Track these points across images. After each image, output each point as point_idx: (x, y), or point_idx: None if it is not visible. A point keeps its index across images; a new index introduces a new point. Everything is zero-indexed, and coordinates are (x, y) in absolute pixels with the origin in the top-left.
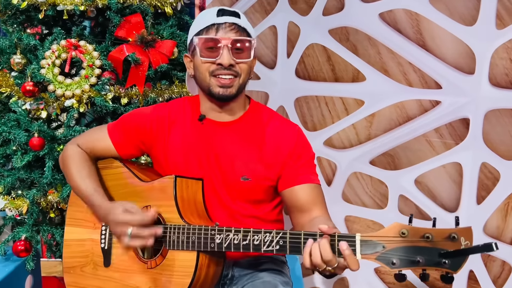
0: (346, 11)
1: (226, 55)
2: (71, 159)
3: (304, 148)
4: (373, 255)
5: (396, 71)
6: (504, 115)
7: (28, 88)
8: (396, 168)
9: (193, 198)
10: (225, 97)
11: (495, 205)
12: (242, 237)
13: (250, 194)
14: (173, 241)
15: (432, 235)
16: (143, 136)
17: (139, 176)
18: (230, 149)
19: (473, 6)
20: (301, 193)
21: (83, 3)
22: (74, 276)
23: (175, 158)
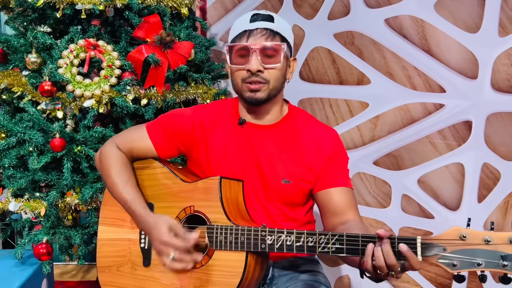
0: (351, 16)
1: (254, 61)
2: (111, 161)
3: (341, 152)
4: (434, 257)
5: (401, 75)
6: (505, 118)
7: (46, 88)
8: (399, 169)
9: (235, 199)
10: (255, 100)
11: (495, 203)
12: (295, 239)
13: (289, 196)
14: (221, 242)
15: (492, 238)
16: (184, 138)
17: (180, 177)
18: (270, 152)
19: (476, 14)
20: (336, 196)
21: (102, 2)
22: (110, 276)
23: (217, 160)
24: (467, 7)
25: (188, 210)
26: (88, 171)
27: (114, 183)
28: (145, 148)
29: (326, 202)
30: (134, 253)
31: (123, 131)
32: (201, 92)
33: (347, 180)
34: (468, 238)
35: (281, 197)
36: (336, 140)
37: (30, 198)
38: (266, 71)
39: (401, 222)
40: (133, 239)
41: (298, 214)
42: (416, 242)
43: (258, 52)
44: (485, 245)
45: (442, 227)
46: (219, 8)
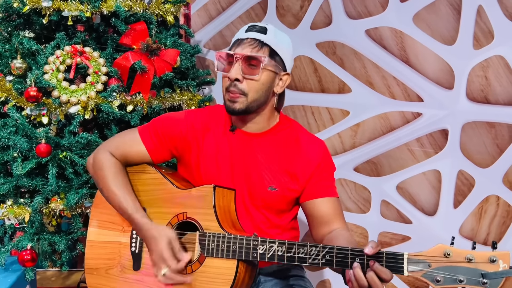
0: (333, 26)
1: (234, 69)
2: (106, 169)
3: (328, 163)
4: (419, 273)
5: (381, 84)
6: (479, 127)
7: (32, 93)
8: (379, 175)
9: (227, 207)
10: (231, 110)
11: (470, 209)
12: (286, 249)
13: (275, 203)
14: (212, 249)
15: (474, 257)
16: (177, 142)
17: (173, 183)
18: (259, 160)
19: (452, 27)
20: (322, 205)
21: (88, 9)
22: (98, 278)
23: (207, 166)
24: (443, 20)
25: (181, 217)
26: (73, 176)
27: (111, 192)
28: (138, 153)
29: (313, 212)
30: (124, 256)
31: (115, 136)
32: (186, 99)
33: (333, 190)
34: (451, 256)
35: (267, 204)
36: (323, 150)
37: (13, 204)
38: (245, 81)
39: (381, 227)
40: (123, 242)
41: (282, 221)
42: (403, 258)
43: (240, 61)
44: (467, 263)
45: (419, 232)
46: (203, 16)
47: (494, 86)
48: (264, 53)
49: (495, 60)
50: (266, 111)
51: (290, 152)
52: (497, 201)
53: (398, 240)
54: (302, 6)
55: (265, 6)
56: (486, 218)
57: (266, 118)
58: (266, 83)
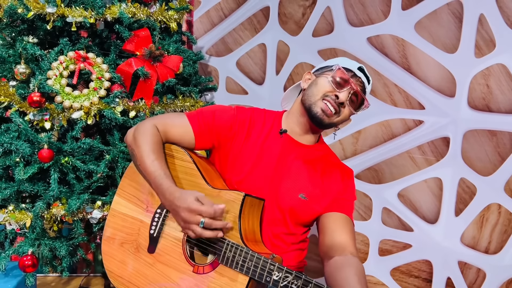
0: (335, 34)
1: (345, 94)
2: (145, 136)
3: (353, 190)
4: None
5: (382, 92)
6: (481, 135)
7: (35, 98)
8: (380, 182)
9: (252, 217)
10: (320, 120)
11: (471, 217)
12: (301, 285)
13: (300, 212)
14: (228, 258)
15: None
16: (224, 133)
17: (205, 178)
18: (297, 167)
19: (454, 35)
20: (339, 220)
21: (92, 16)
22: (112, 248)
23: (244, 163)
24: (445, 28)
25: None
26: (75, 182)
27: (144, 156)
28: (183, 135)
29: (328, 223)
30: (142, 236)
31: (161, 115)
32: (188, 105)
33: (351, 213)
34: None
35: (293, 210)
36: (352, 178)
37: (15, 209)
38: (344, 107)
39: (382, 234)
40: (145, 221)
41: (299, 230)
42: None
43: (352, 92)
44: None
45: (421, 240)
46: (205, 22)
47: (495, 94)
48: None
49: (497, 68)
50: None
51: (325, 170)
52: (499, 210)
53: (399, 248)
54: (304, 14)
55: (267, 14)
56: (487, 226)
57: (318, 136)
58: (349, 116)
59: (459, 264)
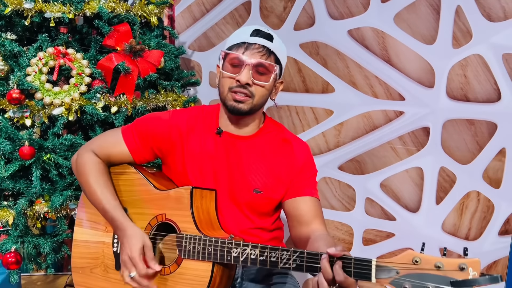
0: (316, 27)
1: (245, 74)
2: (89, 168)
3: (311, 165)
4: (387, 280)
5: (363, 84)
6: (460, 125)
7: (14, 96)
8: (363, 173)
9: (206, 208)
10: (237, 111)
11: (452, 205)
12: (259, 253)
13: (260, 206)
14: (189, 251)
15: (443, 264)
16: (160, 143)
17: (154, 184)
18: (244, 162)
19: (432, 27)
20: (303, 204)
21: (71, 11)
22: (84, 277)
23: (192, 167)
24: (423, 20)
25: (160, 218)
26: (57, 179)
27: (92, 191)
28: (121, 153)
29: (293, 211)
30: (107, 256)
31: (98, 135)
32: (170, 100)
33: (314, 191)
34: (420, 262)
35: (251, 206)
36: (307, 153)
37: None
38: (254, 86)
39: (365, 224)
40: (106, 242)
41: (266, 223)
42: (371, 264)
43: (251, 67)
44: (436, 270)
45: (403, 229)
46: (187, 17)
47: (473, 84)
48: (272, 61)
49: (474, 59)
50: (258, 115)
51: (275, 155)
52: (478, 197)
53: (383, 237)
54: (286, 7)
55: (248, 7)
56: (467, 213)
57: (256, 123)
58: (269, 89)
59: (440, 251)
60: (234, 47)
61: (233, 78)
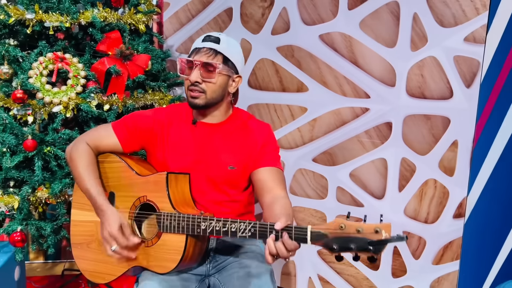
0: (291, 32)
1: (194, 73)
2: (80, 156)
3: (272, 141)
4: (319, 242)
5: (333, 83)
6: (418, 119)
7: (18, 95)
8: (334, 164)
9: (181, 189)
10: (194, 105)
11: (412, 192)
12: (222, 225)
13: (235, 180)
14: (166, 226)
15: (362, 228)
16: (145, 135)
17: (135, 170)
18: (218, 145)
19: (393, 32)
20: (265, 174)
21: (68, 20)
22: (81, 251)
23: (172, 155)
24: (385, 26)
25: (142, 199)
26: (57, 169)
27: (80, 177)
28: (111, 144)
29: (258, 179)
30: (100, 233)
31: (92, 129)
32: (157, 99)
33: (276, 163)
34: (345, 228)
35: (228, 182)
36: (268, 131)
37: (3, 193)
38: (204, 83)
39: (337, 211)
40: (99, 221)
41: (240, 196)
42: (307, 230)
43: (199, 67)
44: (357, 233)
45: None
46: (174, 22)
47: (429, 83)
48: (218, 60)
49: (429, 60)
50: (223, 106)
51: (242, 136)
52: (435, 184)
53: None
54: (263, 14)
55: (230, 14)
56: (426, 199)
57: (223, 112)
58: (221, 85)
59: (403, 233)
60: (191, 54)
61: (187, 79)
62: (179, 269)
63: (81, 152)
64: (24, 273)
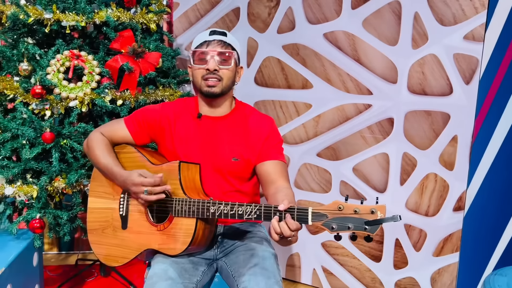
0: (296, 31)
1: (212, 62)
2: (96, 143)
3: (275, 134)
4: (319, 222)
5: (337, 80)
6: (419, 115)
7: (37, 91)
8: (337, 159)
9: (192, 177)
10: (210, 94)
11: (413, 186)
12: (229, 208)
13: (238, 172)
14: (178, 210)
15: (359, 209)
16: (154, 128)
17: (149, 160)
18: (222, 138)
19: (395, 30)
20: (269, 167)
21: (83, 20)
22: (97, 236)
23: (180, 146)
24: (387, 25)
25: None
26: (72, 161)
27: (97, 156)
28: (124, 136)
29: (263, 172)
30: (115, 219)
31: (106, 123)
32: (167, 95)
33: (279, 156)
34: (343, 209)
35: (232, 172)
36: (271, 125)
37: (23, 183)
38: (220, 71)
39: None
40: (114, 208)
41: (245, 187)
42: (308, 211)
43: (215, 56)
44: (354, 214)
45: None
46: (184, 22)
47: (429, 80)
48: (229, 49)
49: (430, 58)
50: (229, 96)
51: (245, 128)
52: (435, 178)
53: None
54: (270, 13)
55: (237, 13)
56: (426, 193)
57: (229, 103)
58: (234, 72)
59: (404, 226)
60: (198, 46)
61: (203, 68)
62: (189, 252)
63: (97, 139)
64: (42, 260)
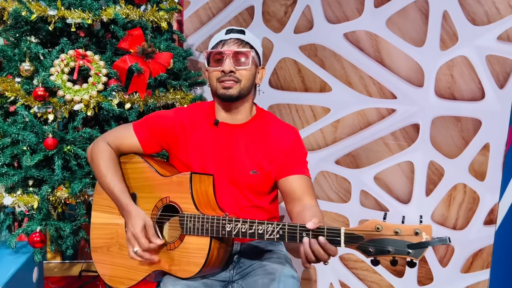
0: (314, 30)
1: (227, 63)
2: (101, 156)
3: (300, 146)
4: (354, 245)
5: (358, 83)
6: (447, 121)
7: (39, 93)
8: (358, 167)
9: (205, 190)
10: (228, 96)
11: (440, 197)
12: (248, 227)
13: (257, 185)
14: (190, 228)
15: (401, 230)
16: (166, 136)
17: (158, 171)
18: (241, 148)
19: (421, 30)
20: (294, 182)
21: (90, 17)
22: (101, 255)
23: (194, 156)
24: (413, 24)
25: (165, 200)
26: (76, 168)
27: (102, 175)
28: (132, 145)
29: (286, 188)
30: (120, 236)
31: (112, 129)
32: (179, 98)
33: (304, 170)
34: (382, 229)
35: (249, 186)
36: (295, 136)
37: (23, 193)
38: (237, 72)
39: (360, 215)
40: (120, 223)
41: (262, 202)
42: (340, 232)
43: (230, 56)
44: (395, 235)
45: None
46: (195, 21)
47: (459, 83)
48: (247, 48)
49: (460, 60)
50: (249, 102)
51: (267, 139)
52: (464, 189)
53: None
54: (286, 12)
55: (252, 12)
56: (454, 204)
57: (249, 109)
58: (253, 73)
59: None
60: (214, 47)
61: (218, 70)
62: (203, 274)
63: (102, 151)
64: (43, 274)
